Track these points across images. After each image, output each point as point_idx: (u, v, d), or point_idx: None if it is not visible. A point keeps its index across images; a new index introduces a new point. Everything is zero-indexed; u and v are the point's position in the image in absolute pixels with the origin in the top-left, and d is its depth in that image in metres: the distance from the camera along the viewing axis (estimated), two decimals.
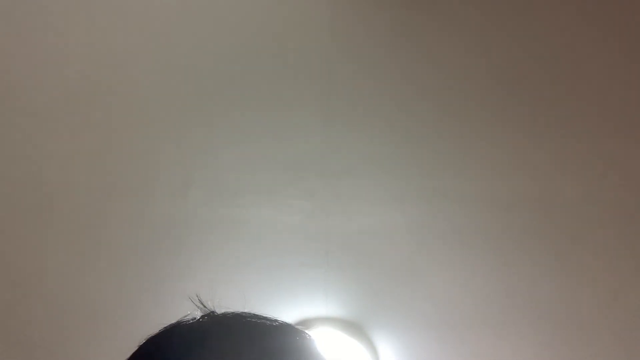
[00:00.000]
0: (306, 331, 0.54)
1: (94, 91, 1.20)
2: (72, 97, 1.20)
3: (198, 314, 0.54)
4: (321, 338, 1.40)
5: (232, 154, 1.24)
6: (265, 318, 0.53)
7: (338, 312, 1.39)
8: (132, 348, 0.51)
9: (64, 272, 1.33)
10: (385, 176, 1.26)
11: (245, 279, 1.34)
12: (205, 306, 0.54)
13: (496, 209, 1.28)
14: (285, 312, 1.40)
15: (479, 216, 1.28)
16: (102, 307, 1.37)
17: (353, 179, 1.26)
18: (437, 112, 1.22)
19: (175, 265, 1.34)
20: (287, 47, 1.17)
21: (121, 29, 1.16)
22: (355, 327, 1.41)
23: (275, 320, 0.53)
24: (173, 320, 0.53)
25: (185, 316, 0.53)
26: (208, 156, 1.25)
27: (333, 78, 1.19)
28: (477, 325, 1.40)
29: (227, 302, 0.54)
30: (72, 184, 1.26)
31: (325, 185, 1.26)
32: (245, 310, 0.54)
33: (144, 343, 0.52)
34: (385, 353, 1.44)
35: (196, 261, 1.33)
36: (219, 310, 0.55)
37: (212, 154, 1.24)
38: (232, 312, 0.53)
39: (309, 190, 1.27)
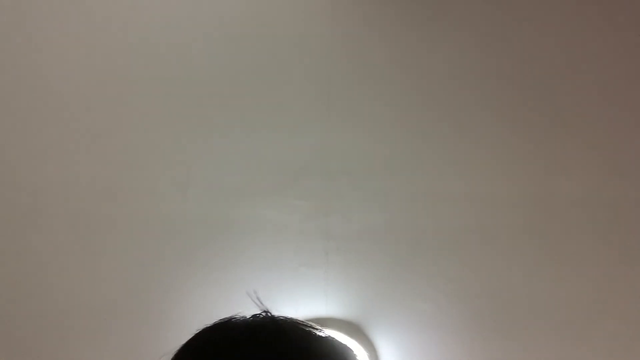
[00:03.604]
0: (352, 348, 0.55)
1: (94, 91, 1.20)
2: (72, 98, 1.20)
3: (248, 313, 0.54)
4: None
5: (232, 153, 1.24)
6: (314, 327, 0.54)
7: (338, 312, 1.39)
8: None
9: (64, 273, 1.33)
10: (385, 176, 1.26)
11: (245, 279, 1.34)
12: (262, 304, 0.55)
13: (496, 209, 1.28)
14: (285, 312, 1.40)
15: (479, 216, 1.28)
16: (102, 307, 1.37)
17: (353, 179, 1.26)
18: (437, 113, 1.22)
19: (175, 265, 1.33)
20: (287, 47, 1.18)
21: (122, 30, 1.16)
22: (355, 327, 1.41)
23: (323, 331, 0.54)
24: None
25: (237, 313, 0.54)
26: (208, 156, 1.25)
27: (333, 78, 1.19)
28: (476, 326, 1.39)
29: (227, 301, 0.54)
30: (73, 184, 1.26)
31: (325, 185, 1.26)
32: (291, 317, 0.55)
33: (199, 332, 0.53)
34: (385, 353, 1.43)
35: (196, 261, 1.33)
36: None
37: (212, 154, 1.24)
38: (285, 316, 0.55)
39: (309, 190, 1.27)
